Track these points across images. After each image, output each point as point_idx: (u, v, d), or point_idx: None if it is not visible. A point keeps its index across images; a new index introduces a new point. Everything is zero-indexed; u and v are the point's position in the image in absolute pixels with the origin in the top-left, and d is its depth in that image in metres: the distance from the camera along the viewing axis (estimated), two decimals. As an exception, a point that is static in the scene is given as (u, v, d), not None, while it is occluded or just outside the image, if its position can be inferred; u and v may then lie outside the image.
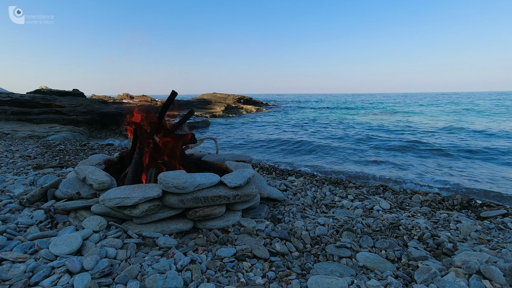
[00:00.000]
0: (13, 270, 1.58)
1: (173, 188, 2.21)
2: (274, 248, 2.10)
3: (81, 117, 14.66)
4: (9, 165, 4.69)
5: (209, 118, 22.47)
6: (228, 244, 2.15)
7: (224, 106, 29.70)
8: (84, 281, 1.50)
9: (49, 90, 19.20)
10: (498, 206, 3.62)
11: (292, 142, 12.40)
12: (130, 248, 1.92)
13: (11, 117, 13.85)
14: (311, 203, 3.48)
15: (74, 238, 1.89)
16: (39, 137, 10.85)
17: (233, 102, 33.58)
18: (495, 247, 2.33)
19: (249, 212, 2.78)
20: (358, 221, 2.77)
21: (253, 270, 1.83)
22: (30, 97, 15.87)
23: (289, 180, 4.73)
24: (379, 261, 2.00)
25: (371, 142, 12.07)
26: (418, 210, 3.44)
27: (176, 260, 1.84)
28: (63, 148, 7.46)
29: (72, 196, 2.52)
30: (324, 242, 2.24)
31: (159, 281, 1.55)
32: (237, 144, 12.46)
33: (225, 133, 16.10)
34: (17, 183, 3.39)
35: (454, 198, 3.90)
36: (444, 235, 2.51)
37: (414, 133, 14.62)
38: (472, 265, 1.82)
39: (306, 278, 1.78)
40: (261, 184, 3.19)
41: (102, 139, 12.95)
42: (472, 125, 17.07)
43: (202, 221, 2.37)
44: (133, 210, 2.14)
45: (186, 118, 3.46)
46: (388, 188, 4.58)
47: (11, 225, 2.12)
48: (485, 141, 11.67)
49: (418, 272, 1.82)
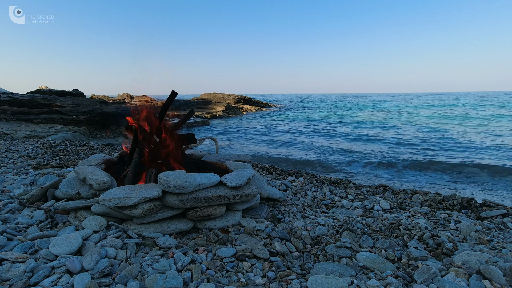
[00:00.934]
0: (13, 270, 1.58)
1: (173, 188, 2.21)
2: (274, 248, 2.10)
3: (81, 117, 14.67)
4: (9, 165, 4.69)
5: (209, 119, 22.47)
6: (228, 244, 2.15)
7: (224, 106, 29.71)
8: (84, 281, 1.50)
9: (49, 90, 19.20)
10: (498, 206, 3.62)
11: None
12: (130, 248, 1.92)
13: (11, 117, 13.85)
14: (311, 203, 3.48)
15: (74, 238, 1.89)
16: (39, 137, 10.85)
17: (233, 102, 33.59)
18: (495, 247, 2.33)
19: (249, 212, 2.78)
20: (358, 221, 2.77)
21: (253, 270, 1.83)
22: (30, 97, 15.88)
23: (289, 180, 4.73)
24: (379, 261, 2.00)
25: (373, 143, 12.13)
26: (418, 210, 3.44)
27: (176, 260, 1.84)
28: (63, 148, 7.46)
29: (72, 196, 2.52)
30: (324, 242, 2.24)
31: (159, 281, 1.55)
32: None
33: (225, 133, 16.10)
34: (17, 183, 3.39)
35: (454, 198, 3.89)
36: (444, 235, 2.51)
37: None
38: (472, 265, 1.82)
39: (306, 278, 1.78)
40: (261, 184, 3.19)
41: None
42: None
43: (202, 221, 2.37)
44: (133, 210, 2.14)
45: (186, 118, 3.46)
46: (388, 188, 4.58)
47: (11, 225, 2.12)
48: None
49: (418, 272, 1.82)
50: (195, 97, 36.73)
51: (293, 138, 13.96)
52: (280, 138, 14.06)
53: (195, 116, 21.98)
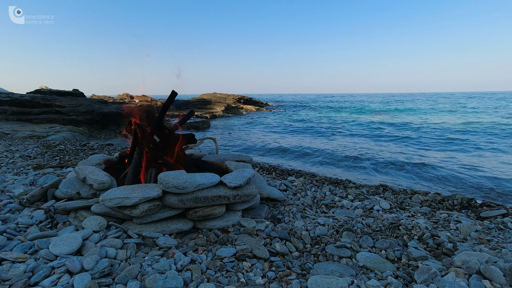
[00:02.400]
0: (13, 270, 1.58)
1: (173, 188, 2.21)
2: (274, 248, 2.10)
3: (81, 117, 14.66)
4: (9, 165, 4.69)
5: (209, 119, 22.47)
6: (228, 244, 2.15)
7: (224, 106, 29.70)
8: (84, 281, 1.50)
9: (49, 90, 19.19)
10: (498, 206, 3.62)
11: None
12: (130, 248, 1.92)
13: (11, 117, 13.85)
14: (311, 203, 3.48)
15: (74, 238, 1.89)
16: (39, 137, 10.85)
17: (233, 102, 33.58)
18: (495, 247, 2.33)
19: (249, 212, 2.78)
20: (358, 221, 2.77)
21: (253, 270, 1.83)
22: (30, 97, 15.87)
23: (289, 180, 4.73)
24: (379, 261, 2.00)
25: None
26: (418, 210, 3.44)
27: (176, 260, 1.84)
28: (63, 148, 7.46)
29: (72, 196, 2.52)
30: (324, 242, 2.24)
31: (159, 281, 1.55)
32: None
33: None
34: (17, 183, 3.39)
35: (454, 198, 3.89)
36: (444, 235, 2.51)
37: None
38: (472, 265, 1.82)
39: (306, 278, 1.78)
40: (261, 184, 3.19)
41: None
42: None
43: (202, 221, 2.37)
44: (133, 210, 2.14)
45: (186, 118, 3.46)
46: (388, 188, 4.58)
47: (11, 225, 2.12)
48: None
49: (418, 272, 1.82)
50: (195, 97, 36.71)
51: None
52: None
53: (195, 116, 21.98)
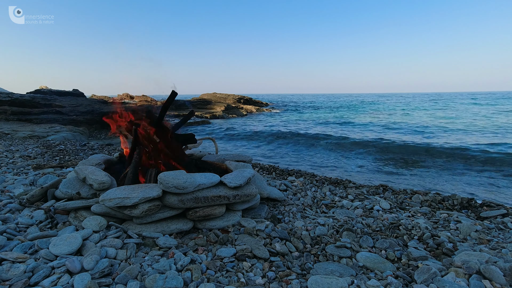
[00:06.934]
0: (13, 270, 1.58)
1: (173, 188, 2.21)
2: (274, 248, 2.10)
3: (81, 117, 14.67)
4: (9, 165, 4.69)
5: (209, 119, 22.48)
6: (228, 244, 2.15)
7: (224, 106, 29.69)
8: (84, 281, 1.50)
9: (49, 90, 19.20)
10: (498, 206, 3.62)
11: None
12: (130, 248, 1.92)
13: (11, 117, 13.84)
14: (311, 203, 3.48)
15: (74, 238, 1.89)
16: (39, 137, 10.85)
17: (233, 102, 33.56)
18: (495, 247, 2.33)
19: (249, 212, 2.78)
20: (358, 221, 2.77)
21: (253, 270, 1.83)
22: (30, 97, 15.87)
23: (289, 180, 4.73)
24: (379, 261, 2.00)
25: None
26: (418, 210, 3.44)
27: (176, 260, 1.84)
28: (63, 148, 7.46)
29: (72, 196, 2.52)
30: (324, 242, 2.24)
31: (159, 281, 1.55)
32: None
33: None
34: (17, 183, 3.39)
35: (454, 198, 3.89)
36: (444, 235, 2.50)
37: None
38: (472, 265, 1.82)
39: (306, 278, 1.78)
40: (261, 184, 3.19)
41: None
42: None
43: (202, 221, 2.37)
44: (133, 210, 2.14)
45: (186, 118, 3.46)
46: (388, 188, 4.58)
47: (11, 225, 2.13)
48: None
49: (418, 272, 1.81)
50: (195, 97, 36.70)
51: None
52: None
53: (196, 116, 21.99)
